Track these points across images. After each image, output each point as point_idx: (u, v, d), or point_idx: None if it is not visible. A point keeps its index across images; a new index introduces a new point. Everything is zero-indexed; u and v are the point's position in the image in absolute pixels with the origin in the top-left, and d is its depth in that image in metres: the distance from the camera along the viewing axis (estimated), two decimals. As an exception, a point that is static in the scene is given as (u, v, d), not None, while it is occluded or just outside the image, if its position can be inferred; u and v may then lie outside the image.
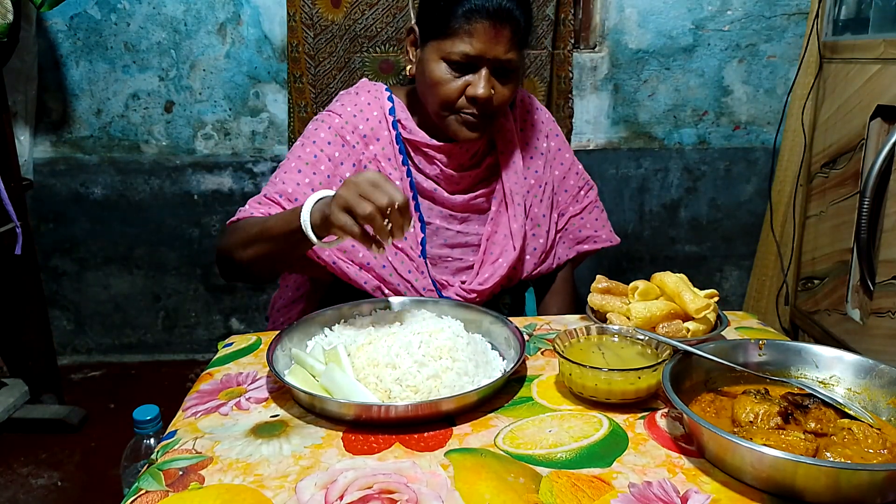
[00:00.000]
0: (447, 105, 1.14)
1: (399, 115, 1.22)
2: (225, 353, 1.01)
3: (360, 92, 1.25)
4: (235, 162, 2.34)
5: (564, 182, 1.35)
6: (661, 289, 1.02)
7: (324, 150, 1.19)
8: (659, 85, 2.30)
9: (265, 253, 1.07)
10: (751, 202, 2.42)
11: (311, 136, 1.21)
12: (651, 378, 0.81)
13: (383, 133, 1.21)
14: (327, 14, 2.12)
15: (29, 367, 2.07)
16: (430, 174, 1.23)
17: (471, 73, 1.11)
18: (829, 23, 2.07)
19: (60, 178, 2.33)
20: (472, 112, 1.13)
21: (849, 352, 0.83)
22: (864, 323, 1.81)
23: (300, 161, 1.20)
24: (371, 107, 1.22)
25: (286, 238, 1.01)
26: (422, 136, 1.21)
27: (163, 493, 0.67)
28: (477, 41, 1.08)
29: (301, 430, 0.78)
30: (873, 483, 0.61)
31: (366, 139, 1.21)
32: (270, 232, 1.04)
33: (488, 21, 1.07)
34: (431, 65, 1.13)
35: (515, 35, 1.10)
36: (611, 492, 0.66)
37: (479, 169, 1.26)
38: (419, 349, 0.85)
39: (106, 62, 2.23)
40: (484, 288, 1.24)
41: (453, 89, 1.12)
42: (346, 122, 1.21)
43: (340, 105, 1.24)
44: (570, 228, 1.36)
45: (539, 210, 1.30)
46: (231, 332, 2.49)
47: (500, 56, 1.10)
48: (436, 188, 1.23)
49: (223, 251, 1.14)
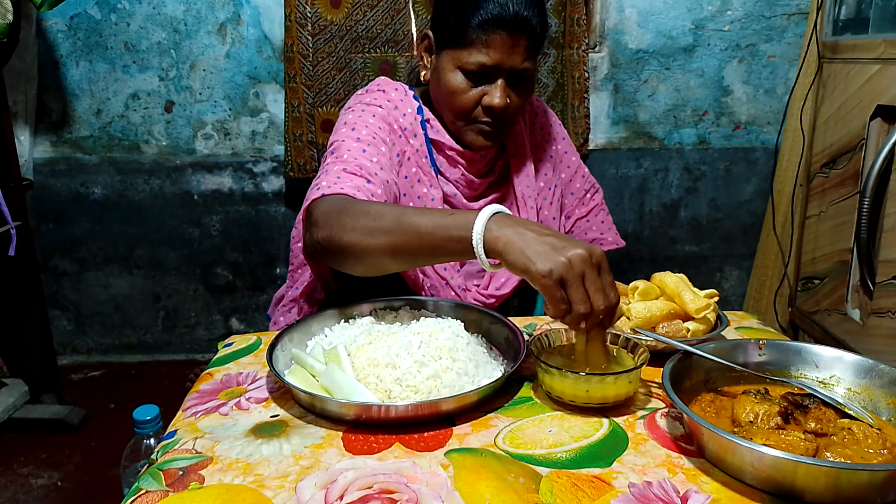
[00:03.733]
0: (463, 114, 1.13)
1: (426, 114, 1.20)
2: (225, 353, 1.01)
3: (386, 89, 1.20)
4: (235, 162, 2.34)
5: (571, 185, 1.35)
6: (661, 289, 1.02)
7: (377, 134, 1.12)
8: (659, 85, 2.30)
9: (395, 247, 0.90)
10: (751, 202, 2.42)
11: (360, 121, 1.13)
12: (624, 384, 0.80)
13: (418, 130, 1.18)
14: (326, 14, 2.12)
15: (29, 367, 2.07)
16: (451, 178, 1.22)
17: (487, 83, 1.10)
18: (829, 23, 2.07)
19: (60, 178, 2.33)
20: (488, 121, 1.12)
21: (849, 352, 0.83)
22: (864, 323, 1.81)
23: (361, 142, 1.09)
24: (404, 103, 1.19)
25: (440, 243, 0.87)
26: (447, 138, 1.19)
27: (163, 493, 0.67)
28: (494, 52, 1.06)
29: (301, 430, 0.78)
30: (873, 483, 0.61)
31: (406, 133, 1.17)
32: (417, 228, 0.88)
33: (505, 31, 1.05)
34: (447, 74, 1.11)
35: (532, 43, 1.09)
36: (611, 492, 0.66)
37: (493, 175, 1.26)
38: (419, 349, 0.85)
39: (106, 62, 2.23)
40: (501, 293, 1.24)
41: (469, 99, 1.11)
42: (388, 114, 1.16)
43: (374, 98, 1.17)
44: (577, 231, 1.36)
45: (549, 213, 1.30)
46: (231, 332, 2.49)
47: (517, 66, 1.08)
48: (455, 193, 1.21)
49: (325, 231, 0.95)
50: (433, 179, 1.19)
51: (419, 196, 1.18)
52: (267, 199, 2.38)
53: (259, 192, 2.37)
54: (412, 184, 1.17)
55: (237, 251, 2.42)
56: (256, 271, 2.45)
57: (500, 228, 0.81)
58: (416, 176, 1.18)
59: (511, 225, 0.81)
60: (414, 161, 1.18)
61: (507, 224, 0.81)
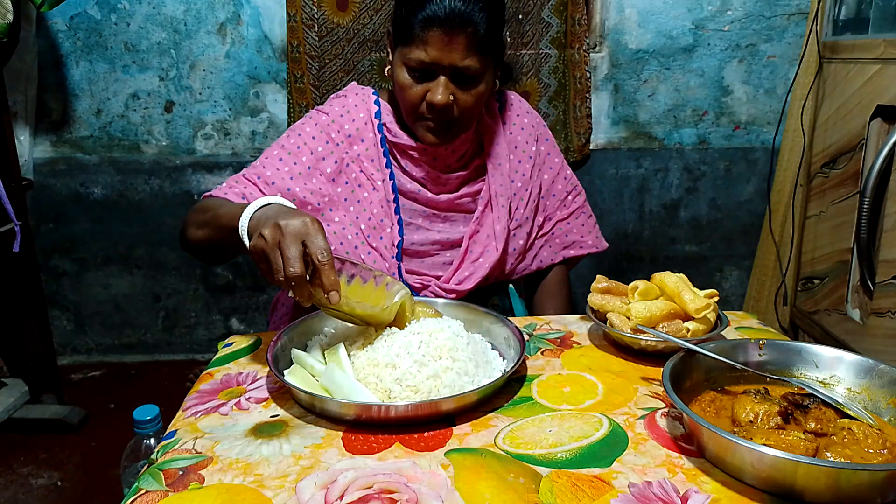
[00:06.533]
0: (411, 110, 1.16)
1: (384, 118, 1.24)
2: (225, 353, 1.01)
3: (348, 94, 1.27)
4: (235, 162, 2.33)
5: (553, 187, 1.35)
6: (661, 289, 1.02)
7: (307, 143, 1.21)
8: (659, 85, 2.30)
9: (209, 239, 1.05)
10: (751, 202, 2.42)
11: (297, 129, 1.24)
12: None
13: (368, 135, 1.23)
14: (332, 16, 2.13)
15: (29, 367, 2.07)
16: (416, 176, 1.25)
17: (430, 80, 1.12)
18: (829, 23, 2.07)
19: (60, 178, 2.33)
20: (434, 118, 1.14)
21: (849, 352, 0.83)
22: (864, 323, 1.81)
23: (283, 150, 1.21)
24: (358, 108, 1.24)
25: (229, 234, 0.96)
26: (405, 138, 1.22)
27: (163, 493, 0.67)
28: (431, 48, 1.08)
29: (301, 430, 0.78)
30: (873, 483, 0.61)
31: (350, 139, 1.23)
32: (219, 221, 1.00)
33: (441, 28, 1.07)
34: (396, 70, 1.15)
35: (474, 40, 1.08)
36: (611, 492, 0.66)
37: (467, 170, 1.27)
38: (419, 349, 0.85)
39: (106, 62, 2.23)
40: (462, 288, 1.24)
41: (414, 95, 1.13)
42: (333, 121, 1.23)
43: (329, 105, 1.27)
44: (557, 233, 1.37)
45: (523, 213, 1.31)
46: (231, 332, 2.49)
47: (457, 63, 1.09)
48: (420, 189, 1.24)
49: (182, 224, 1.12)
50: (378, 183, 1.23)
51: (359, 200, 1.23)
52: (267, 199, 2.37)
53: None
54: (353, 188, 1.23)
55: (237, 251, 2.42)
56: (256, 271, 2.44)
57: (259, 216, 0.90)
58: (356, 181, 1.23)
59: (266, 214, 0.89)
60: (356, 166, 1.23)
61: (264, 213, 0.89)
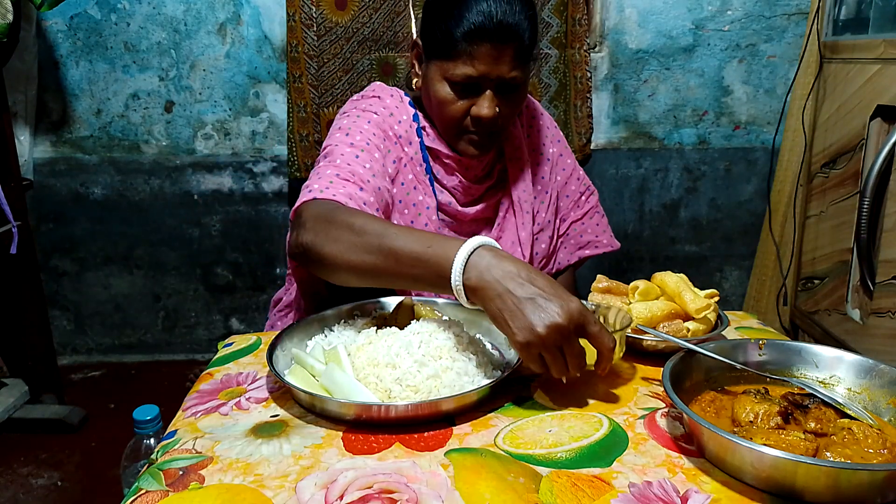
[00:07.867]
0: (452, 125, 1.12)
1: (422, 122, 1.19)
2: (225, 353, 1.01)
3: (382, 95, 1.19)
4: (235, 162, 2.34)
5: (566, 187, 1.34)
6: (661, 289, 1.02)
7: (371, 141, 1.12)
8: (659, 85, 2.30)
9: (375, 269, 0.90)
10: (751, 202, 2.42)
11: (355, 126, 1.12)
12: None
13: (413, 138, 1.18)
14: (331, 16, 2.13)
15: (29, 367, 2.08)
16: (448, 185, 1.21)
17: (474, 94, 1.09)
18: (829, 23, 2.07)
19: (60, 178, 2.33)
20: (478, 131, 1.11)
21: (849, 352, 0.83)
22: (864, 323, 1.81)
23: (354, 148, 1.09)
24: (399, 110, 1.18)
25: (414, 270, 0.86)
26: (443, 146, 1.18)
27: (163, 492, 0.67)
28: (480, 63, 1.04)
29: (301, 430, 0.78)
30: (873, 483, 0.61)
31: (401, 140, 1.16)
32: (396, 254, 0.87)
33: (490, 42, 1.03)
34: (435, 84, 1.10)
35: (520, 51, 1.06)
36: (611, 492, 0.66)
37: (491, 180, 1.25)
38: (419, 349, 0.85)
39: (106, 62, 2.23)
40: None
41: (457, 110, 1.10)
42: (383, 121, 1.15)
43: (369, 105, 1.18)
44: (572, 234, 1.36)
45: (545, 216, 1.29)
46: (231, 332, 2.49)
47: (505, 75, 1.06)
48: (451, 201, 1.21)
49: (300, 232, 0.96)
50: (427, 188, 1.18)
51: (415, 203, 1.17)
52: (267, 199, 2.38)
53: (259, 192, 2.37)
54: (408, 191, 1.17)
55: (237, 251, 2.42)
56: (256, 271, 2.45)
57: (480, 276, 0.80)
58: (412, 183, 1.17)
59: (489, 273, 0.80)
60: (410, 168, 1.17)
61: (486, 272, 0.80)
